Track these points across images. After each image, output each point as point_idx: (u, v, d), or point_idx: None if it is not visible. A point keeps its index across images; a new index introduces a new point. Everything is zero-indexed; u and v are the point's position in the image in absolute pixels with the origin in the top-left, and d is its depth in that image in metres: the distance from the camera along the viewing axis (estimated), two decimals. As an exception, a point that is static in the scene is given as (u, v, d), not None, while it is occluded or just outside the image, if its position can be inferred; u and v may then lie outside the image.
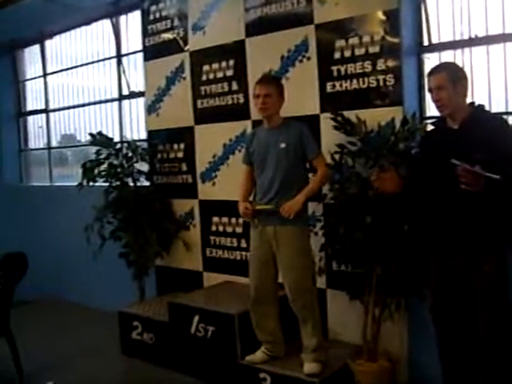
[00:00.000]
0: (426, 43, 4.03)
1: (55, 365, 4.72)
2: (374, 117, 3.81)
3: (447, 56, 3.93)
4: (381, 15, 3.88)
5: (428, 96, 3.74)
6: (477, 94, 3.64)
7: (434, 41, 4.00)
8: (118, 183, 5.24)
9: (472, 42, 3.82)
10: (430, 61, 4.00)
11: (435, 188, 2.95)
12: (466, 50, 3.86)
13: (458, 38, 3.91)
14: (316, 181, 3.68)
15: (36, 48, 7.47)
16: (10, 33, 7.21)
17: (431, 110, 3.98)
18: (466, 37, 3.86)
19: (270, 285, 3.82)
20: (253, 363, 3.91)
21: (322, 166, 3.68)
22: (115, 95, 6.36)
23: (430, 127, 3.41)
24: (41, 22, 6.78)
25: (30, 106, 7.82)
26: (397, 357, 3.89)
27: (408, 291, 3.68)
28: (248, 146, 3.93)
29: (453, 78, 2.90)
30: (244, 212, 3.81)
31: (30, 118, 7.85)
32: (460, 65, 3.33)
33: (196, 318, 4.25)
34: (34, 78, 7.62)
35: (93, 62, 6.63)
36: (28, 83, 7.80)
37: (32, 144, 7.91)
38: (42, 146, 7.71)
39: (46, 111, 7.47)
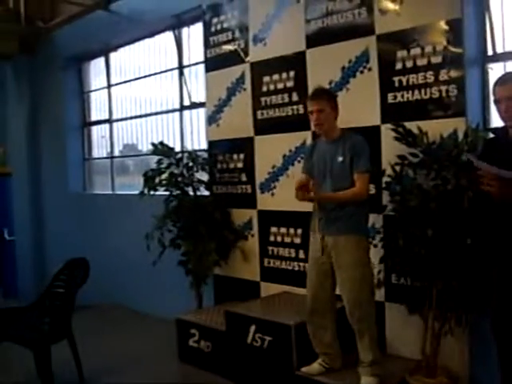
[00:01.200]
0: (490, 53, 3.95)
1: (114, 369, 4.82)
2: (436, 128, 3.75)
3: (512, 66, 3.85)
4: (443, 25, 3.83)
5: (492, 107, 3.71)
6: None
7: (499, 50, 3.92)
8: (179, 192, 5.32)
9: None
10: (494, 71, 3.92)
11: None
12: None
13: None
14: (347, 192, 3.57)
15: (101, 60, 7.69)
16: (76, 46, 7.47)
17: (495, 121, 3.91)
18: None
19: (327, 296, 3.79)
20: (309, 375, 3.89)
21: (360, 184, 3.56)
22: (177, 106, 6.47)
23: (490, 135, 3.34)
24: (106, 35, 6.99)
25: (94, 117, 8.04)
26: (457, 373, 3.79)
27: (469, 306, 3.59)
28: (308, 156, 3.93)
29: None
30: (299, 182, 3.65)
31: (94, 128, 8.06)
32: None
33: (253, 328, 4.26)
34: (99, 89, 7.84)
35: (155, 74, 6.77)
36: (92, 94, 8.02)
37: (95, 153, 8.12)
38: (104, 156, 7.91)
39: (109, 121, 7.66)
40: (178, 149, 5.95)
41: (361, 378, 3.66)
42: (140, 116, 7.10)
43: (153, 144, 5.46)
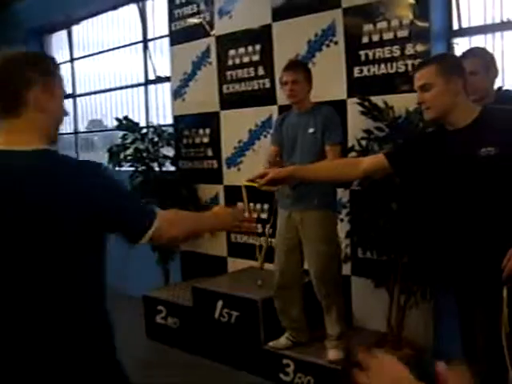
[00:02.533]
0: (456, 27, 3.95)
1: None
2: (402, 102, 3.73)
3: (478, 41, 3.85)
4: (410, -1, 3.82)
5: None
6: (508, 80, 3.57)
7: (465, 25, 3.92)
8: (144, 168, 5.26)
9: (504, 26, 3.73)
10: (460, 45, 3.93)
11: None
12: (497, 34, 3.78)
13: (489, 22, 3.82)
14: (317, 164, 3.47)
15: (63, 33, 7.51)
16: (37, 18, 7.26)
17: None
18: (497, 21, 3.77)
19: (294, 271, 3.81)
20: (276, 349, 3.91)
21: (331, 155, 3.54)
22: (141, 80, 6.37)
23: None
24: (68, 7, 6.81)
25: (57, 91, 7.85)
26: (421, 346, 3.85)
27: (434, 279, 3.63)
28: (277, 128, 3.89)
29: (486, 64, 2.83)
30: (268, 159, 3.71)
31: (58, 103, 7.89)
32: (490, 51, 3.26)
33: (220, 303, 4.26)
34: (61, 63, 7.65)
35: (119, 47, 6.63)
36: (55, 68, 7.83)
37: (60, 129, 7.94)
38: (69, 131, 7.77)
39: (73, 96, 7.51)
40: (143, 124, 5.87)
41: (328, 351, 3.70)
42: (104, 91, 6.97)
43: (117, 119, 5.37)
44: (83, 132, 7.61)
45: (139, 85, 6.41)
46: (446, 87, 2.42)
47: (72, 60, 7.43)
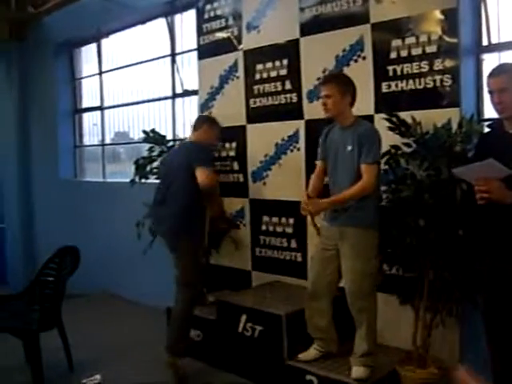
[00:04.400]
0: (485, 43, 3.93)
1: (104, 357, 4.81)
2: (430, 118, 3.72)
3: (507, 56, 3.82)
4: (439, 14, 3.80)
5: (486, 98, 3.69)
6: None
7: (494, 41, 3.90)
8: (170, 180, 5.27)
9: (534, 42, 3.70)
10: (488, 61, 3.91)
11: None
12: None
13: (519, 38, 3.80)
14: (353, 189, 3.51)
15: (93, 47, 7.61)
16: (68, 32, 7.39)
17: (489, 111, 3.89)
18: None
19: (327, 281, 3.77)
20: (306, 361, 3.89)
21: (366, 176, 3.49)
22: (169, 93, 6.42)
23: (486, 129, 3.32)
24: (98, 21, 6.92)
25: (85, 104, 7.97)
26: (447, 364, 3.79)
27: (461, 297, 3.59)
28: (322, 143, 3.84)
29: None
30: (303, 207, 3.67)
31: (85, 115, 8.01)
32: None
33: (244, 317, 4.25)
34: (90, 75, 7.77)
35: (147, 61, 6.70)
36: (84, 81, 7.96)
37: (87, 140, 8.07)
38: (96, 143, 7.86)
39: (100, 108, 7.60)
40: (169, 137, 5.91)
41: (352, 368, 3.66)
42: (132, 103, 7.04)
43: (144, 131, 5.42)
44: (110, 144, 7.68)
45: (166, 98, 6.46)
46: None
47: (101, 73, 7.52)
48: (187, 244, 4.23)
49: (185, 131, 6.22)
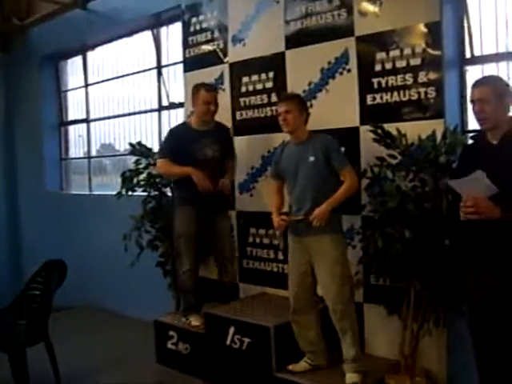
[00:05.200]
0: (468, 56, 3.98)
1: (91, 371, 4.79)
2: (415, 130, 3.76)
3: (490, 69, 3.88)
4: (422, 27, 3.85)
5: (470, 109, 3.73)
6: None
7: (477, 53, 3.95)
8: (157, 193, 5.27)
9: (516, 54, 3.76)
10: (472, 73, 3.96)
11: None
12: (511, 62, 3.80)
13: (501, 50, 3.85)
14: (341, 191, 3.68)
15: (78, 59, 7.61)
16: (53, 44, 7.39)
17: (473, 123, 3.94)
18: (509, 49, 3.80)
19: (308, 294, 3.86)
20: (295, 372, 3.91)
21: (348, 176, 3.70)
22: (155, 106, 6.44)
23: (469, 141, 3.36)
24: (83, 33, 6.93)
25: (71, 116, 7.96)
26: (435, 374, 3.81)
27: (447, 307, 3.62)
28: (277, 160, 4.01)
29: (498, 92, 2.84)
30: (279, 224, 3.87)
31: (71, 128, 7.99)
32: (504, 79, 3.27)
33: (232, 330, 4.24)
34: (76, 88, 7.76)
35: (133, 73, 6.72)
36: (70, 93, 7.95)
37: (72, 153, 8.04)
38: (81, 155, 7.84)
39: (86, 121, 7.60)
40: (155, 149, 5.90)
41: (345, 374, 3.70)
42: (118, 116, 7.05)
43: (130, 144, 5.41)
44: (96, 156, 7.66)
45: (153, 110, 6.48)
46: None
47: (86, 85, 7.53)
48: None
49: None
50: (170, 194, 5.29)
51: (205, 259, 5.18)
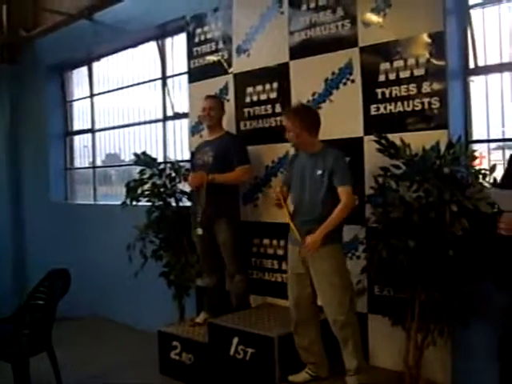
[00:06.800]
0: (472, 66, 3.98)
1: (93, 381, 4.77)
2: (419, 140, 3.75)
3: (494, 79, 3.88)
4: (426, 38, 3.86)
5: (474, 119, 3.74)
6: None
7: (481, 63, 3.95)
8: (161, 203, 5.27)
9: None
10: (475, 84, 3.96)
11: None
12: (514, 73, 3.81)
13: (505, 60, 3.85)
14: (335, 213, 3.63)
15: (84, 69, 7.65)
16: (59, 55, 7.43)
17: (477, 133, 3.94)
18: (513, 60, 3.80)
19: (308, 305, 3.84)
20: (296, 383, 3.90)
21: (344, 197, 3.64)
22: (160, 116, 6.46)
23: None
24: (89, 44, 6.98)
25: (76, 126, 7.99)
26: (439, 385, 3.80)
27: (452, 317, 3.60)
28: (288, 168, 4.03)
29: None
30: (277, 194, 3.88)
31: (77, 138, 8.02)
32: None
33: (235, 340, 4.23)
34: (81, 98, 7.80)
35: (138, 84, 6.74)
36: (75, 104, 7.98)
37: (77, 163, 8.07)
38: (87, 165, 7.86)
39: (91, 131, 7.62)
40: (160, 159, 5.93)
41: (348, 386, 3.68)
42: (123, 126, 7.07)
43: (135, 154, 5.42)
44: (101, 166, 7.69)
45: (157, 121, 6.50)
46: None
47: (92, 96, 7.56)
48: None
49: (176, 154, 6.24)
50: (174, 203, 5.30)
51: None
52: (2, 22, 7.68)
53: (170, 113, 6.32)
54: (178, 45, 6.13)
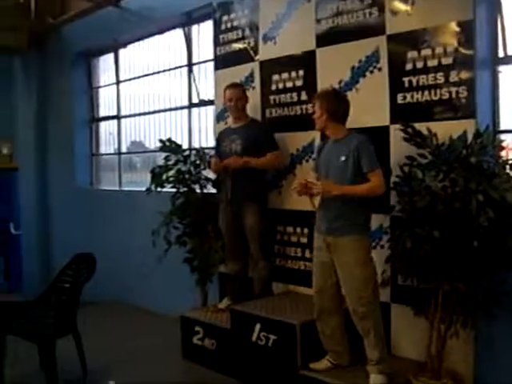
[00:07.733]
0: (501, 55, 3.93)
1: (117, 365, 4.84)
2: (446, 129, 3.72)
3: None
4: (455, 26, 3.81)
5: (502, 109, 3.69)
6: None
7: (510, 53, 3.90)
8: (186, 189, 5.31)
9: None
10: (504, 73, 3.91)
11: None
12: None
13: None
14: (363, 187, 3.62)
15: (110, 56, 7.69)
16: (86, 42, 7.49)
17: (505, 123, 3.89)
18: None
19: (332, 293, 3.83)
20: (316, 371, 3.90)
21: (374, 179, 3.62)
22: (185, 103, 6.47)
23: None
24: (115, 31, 7.00)
25: (102, 113, 8.05)
26: (462, 376, 3.77)
27: (476, 308, 3.58)
28: (316, 155, 4.04)
29: None
30: (300, 182, 3.77)
31: (102, 124, 8.08)
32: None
33: (258, 326, 4.26)
34: (107, 85, 7.85)
35: (164, 71, 6.77)
36: (101, 90, 8.04)
37: (103, 149, 8.13)
38: (112, 152, 7.92)
39: (117, 117, 7.67)
40: (185, 146, 5.95)
41: (370, 375, 3.68)
42: (148, 113, 7.11)
43: (161, 141, 5.45)
44: (126, 153, 7.74)
45: (183, 107, 6.52)
46: None
47: (118, 82, 7.60)
48: None
49: (200, 141, 6.26)
50: (198, 190, 5.33)
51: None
52: (30, 10, 7.73)
53: (195, 100, 6.33)
54: (204, 32, 6.13)
